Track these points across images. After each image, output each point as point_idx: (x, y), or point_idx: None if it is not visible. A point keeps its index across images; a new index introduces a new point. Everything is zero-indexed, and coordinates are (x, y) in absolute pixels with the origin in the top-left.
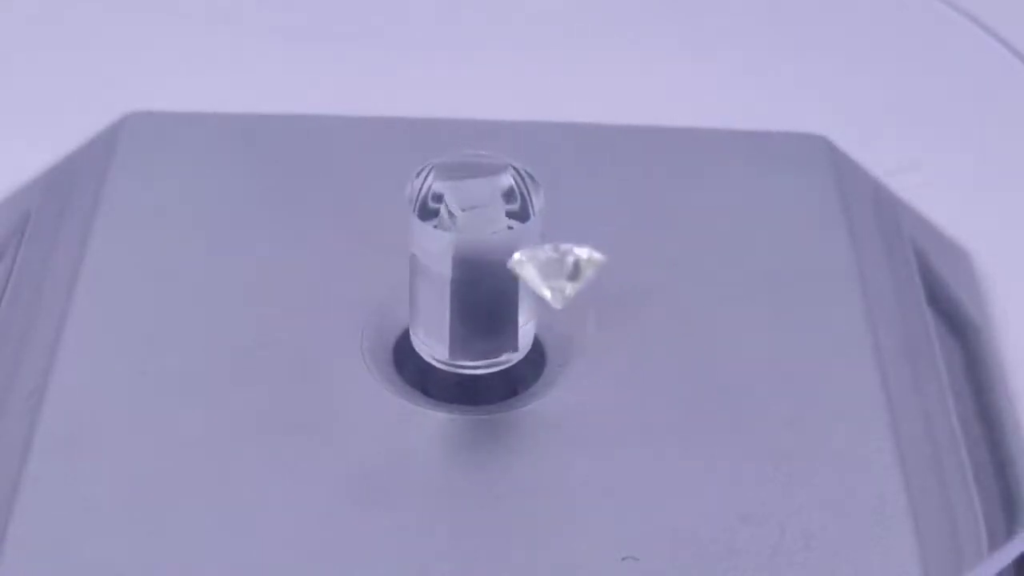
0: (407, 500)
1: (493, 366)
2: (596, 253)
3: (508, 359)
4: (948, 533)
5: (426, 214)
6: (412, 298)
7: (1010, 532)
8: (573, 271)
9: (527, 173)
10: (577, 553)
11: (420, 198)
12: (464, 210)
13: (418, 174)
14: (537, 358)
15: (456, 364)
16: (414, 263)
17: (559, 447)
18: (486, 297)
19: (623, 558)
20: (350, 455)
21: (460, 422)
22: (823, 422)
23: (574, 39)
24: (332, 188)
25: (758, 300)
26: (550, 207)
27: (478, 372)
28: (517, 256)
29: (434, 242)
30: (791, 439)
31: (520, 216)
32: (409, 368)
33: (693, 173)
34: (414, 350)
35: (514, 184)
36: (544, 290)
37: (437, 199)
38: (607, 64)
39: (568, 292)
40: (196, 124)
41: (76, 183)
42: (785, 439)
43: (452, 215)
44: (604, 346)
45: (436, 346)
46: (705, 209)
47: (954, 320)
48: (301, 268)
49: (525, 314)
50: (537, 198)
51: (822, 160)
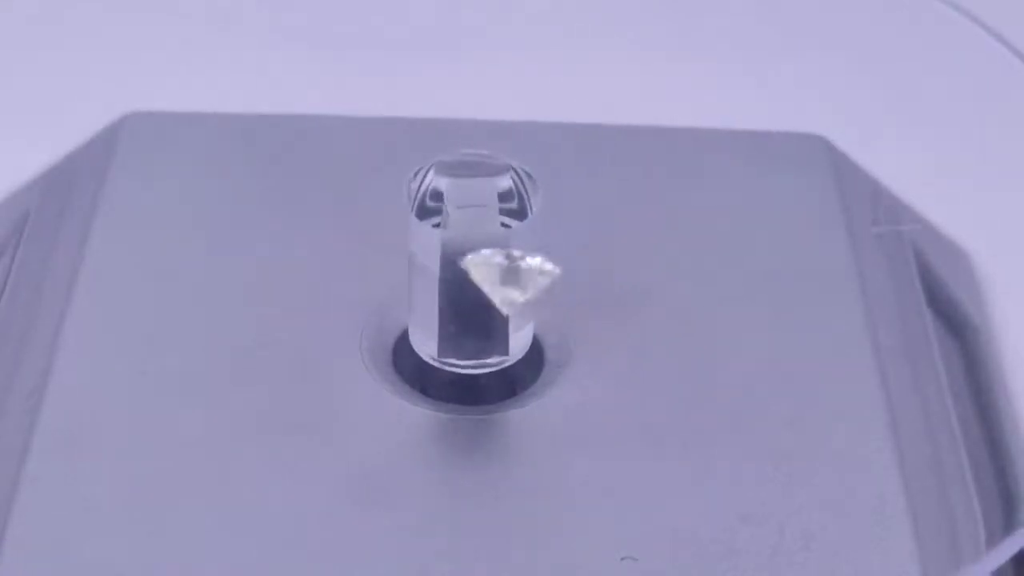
0: (406, 500)
1: (483, 367)
2: (550, 265)
3: (499, 361)
4: (947, 533)
5: (424, 213)
6: (410, 296)
7: (1009, 532)
8: (525, 280)
9: (526, 173)
10: (577, 553)
11: (418, 197)
12: (459, 208)
13: (417, 173)
14: (536, 358)
15: (446, 362)
16: (412, 261)
17: (558, 447)
18: (476, 297)
19: (622, 558)
20: (349, 455)
21: (459, 422)
22: (823, 422)
23: (574, 39)
24: (332, 188)
25: (758, 300)
26: (550, 207)
27: (467, 372)
28: (471, 257)
29: (427, 239)
30: (791, 439)
31: (518, 215)
32: (408, 368)
33: (693, 173)
34: (413, 350)
35: (513, 184)
36: (494, 295)
37: (435, 198)
38: (607, 64)
39: (518, 301)
40: (196, 124)
41: (75, 183)
42: (785, 439)
43: (447, 213)
44: (603, 346)
45: (429, 343)
46: (704, 209)
47: (953, 320)
48: (301, 268)
49: (524, 319)
50: (535, 198)
51: (821, 160)
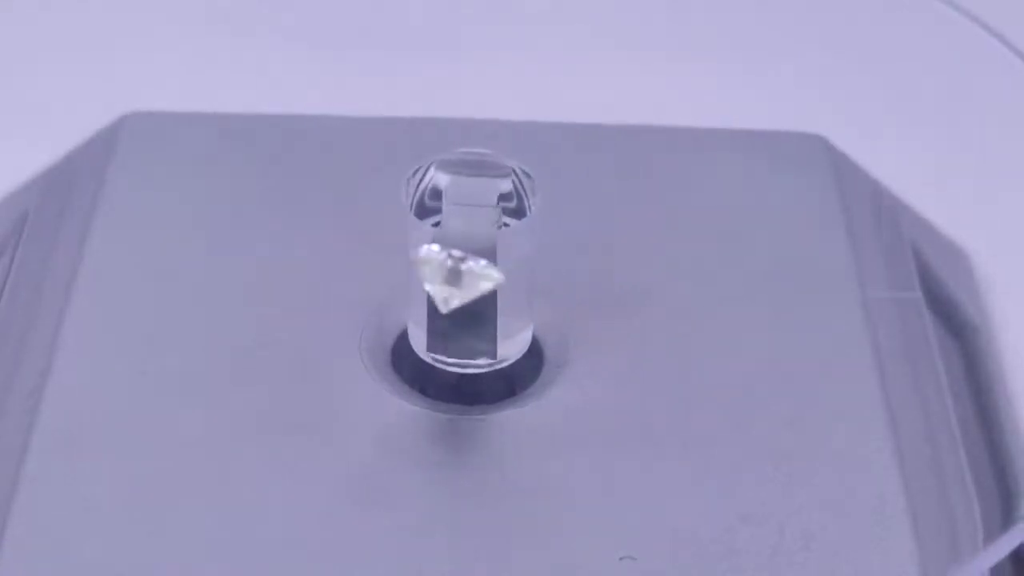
0: (405, 500)
1: (470, 367)
2: (494, 271)
3: (488, 364)
4: (947, 533)
5: (423, 212)
6: (409, 296)
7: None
8: (465, 282)
9: (524, 172)
10: (576, 553)
11: (417, 196)
12: (456, 205)
13: (415, 171)
14: (535, 358)
15: (436, 359)
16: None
17: (558, 447)
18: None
19: (621, 558)
20: (348, 455)
21: (458, 422)
22: (822, 422)
23: (573, 39)
24: (331, 188)
25: (757, 300)
26: (549, 207)
27: (455, 371)
28: (418, 254)
29: (425, 238)
30: (790, 439)
31: (516, 215)
32: (407, 368)
33: (692, 173)
34: (412, 350)
35: (512, 183)
36: (432, 291)
37: (434, 197)
38: (606, 64)
39: (453, 301)
40: (195, 124)
41: (75, 183)
42: (784, 439)
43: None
44: (603, 346)
45: (421, 338)
46: (704, 209)
47: (953, 320)
48: (300, 268)
49: (519, 322)
50: (534, 198)
51: (821, 160)
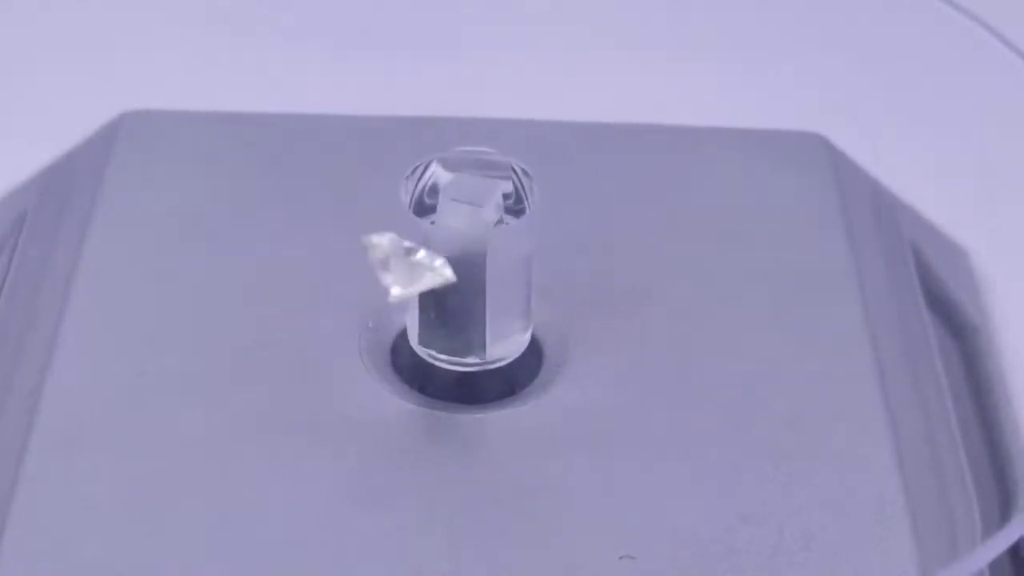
0: (405, 499)
1: (458, 364)
2: (447, 270)
3: (477, 363)
4: (946, 533)
5: (422, 210)
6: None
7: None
8: (414, 275)
9: (523, 171)
10: (575, 552)
11: (416, 194)
12: (454, 202)
13: (415, 170)
14: (535, 357)
15: (428, 352)
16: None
17: (557, 446)
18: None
19: (620, 557)
20: (348, 454)
21: (458, 421)
22: (822, 422)
23: (573, 38)
24: (331, 187)
25: (757, 299)
26: (549, 205)
27: (444, 367)
28: (370, 237)
29: (420, 233)
30: (790, 439)
31: (515, 213)
32: (407, 368)
33: (692, 171)
34: (411, 349)
35: (511, 182)
36: (381, 278)
37: (433, 195)
38: (606, 63)
39: (400, 292)
40: (193, 123)
41: (73, 181)
42: (784, 439)
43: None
44: (602, 345)
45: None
46: (704, 207)
47: (952, 320)
48: (299, 267)
49: (518, 321)
50: (533, 196)
51: (821, 159)
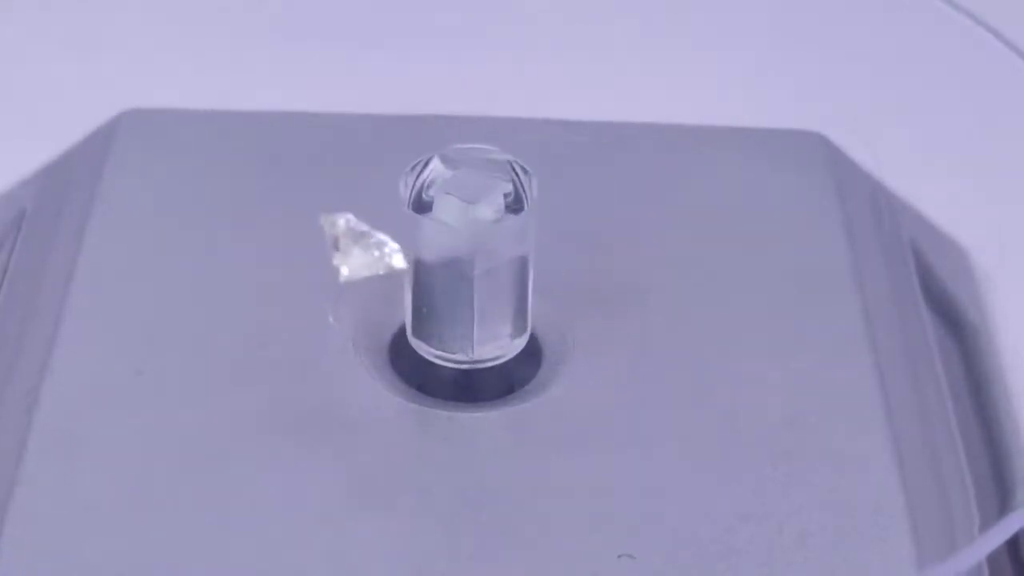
0: (404, 498)
1: (447, 360)
2: (399, 258)
3: (467, 360)
4: (945, 532)
5: (422, 208)
6: (407, 293)
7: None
8: (365, 259)
9: (521, 167)
10: (574, 551)
11: (416, 190)
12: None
13: (414, 167)
14: (534, 356)
15: (418, 345)
16: (419, 263)
17: (556, 445)
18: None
19: (619, 556)
20: (347, 453)
21: (456, 420)
22: (821, 421)
23: (572, 36)
24: (330, 185)
25: (756, 298)
26: (548, 204)
27: (439, 363)
28: (328, 215)
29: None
30: (789, 438)
31: (514, 209)
32: (406, 366)
33: (691, 170)
34: (410, 348)
35: (508, 176)
36: (333, 257)
37: (432, 194)
38: (605, 61)
39: (349, 274)
40: (192, 121)
41: (72, 180)
42: (783, 438)
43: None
44: (601, 344)
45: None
46: (703, 206)
47: (952, 318)
48: (298, 266)
49: (517, 318)
50: (531, 192)
51: (820, 158)
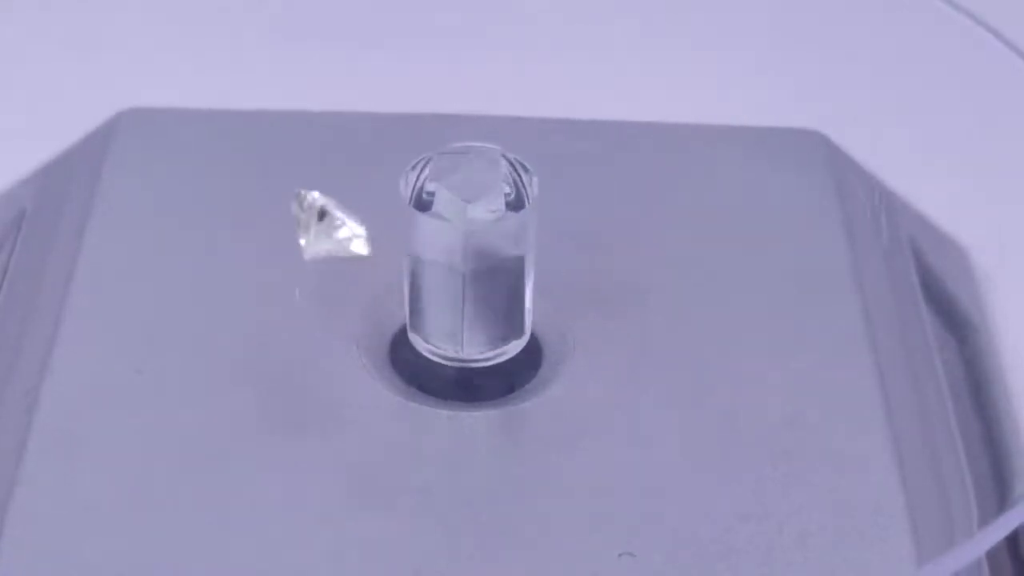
0: (404, 497)
1: (438, 355)
2: (363, 245)
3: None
4: (945, 531)
5: (422, 206)
6: (408, 291)
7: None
8: (332, 241)
9: (521, 164)
10: (575, 549)
11: (417, 188)
12: (457, 198)
13: (414, 165)
14: (534, 355)
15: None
16: (410, 255)
17: (556, 444)
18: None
19: (620, 554)
20: (347, 453)
21: (457, 419)
22: (821, 421)
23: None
24: (329, 184)
25: (756, 297)
26: (548, 203)
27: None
28: (299, 192)
29: (424, 231)
30: (789, 438)
31: (514, 206)
32: (406, 366)
33: (691, 169)
34: (410, 347)
35: (508, 175)
36: (299, 231)
37: (432, 192)
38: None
39: (312, 254)
40: (191, 120)
41: (72, 179)
42: (783, 438)
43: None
44: (602, 343)
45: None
46: (703, 205)
47: (952, 318)
48: (297, 265)
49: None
50: (531, 189)
51: (820, 156)
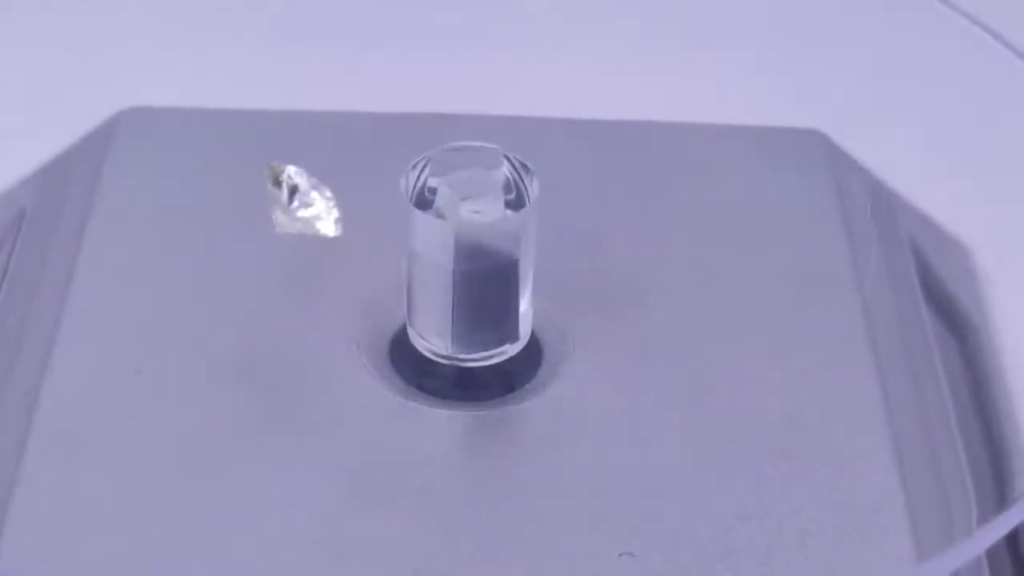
0: (404, 497)
1: (431, 351)
2: (334, 229)
3: (447, 356)
4: (945, 531)
5: (423, 205)
6: (408, 290)
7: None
8: (300, 218)
9: (521, 163)
10: (575, 549)
11: (416, 190)
12: (464, 200)
13: (415, 165)
14: (534, 354)
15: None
16: (411, 254)
17: (556, 444)
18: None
19: (620, 554)
20: (347, 453)
21: (457, 418)
22: (821, 421)
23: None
24: (329, 183)
25: (756, 296)
26: (548, 203)
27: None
28: (276, 165)
29: (426, 230)
30: (789, 437)
31: (515, 205)
32: (406, 365)
33: (691, 168)
34: (410, 347)
35: (509, 174)
36: (273, 203)
37: (434, 191)
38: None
39: (282, 227)
40: (191, 120)
41: (71, 179)
42: (783, 437)
43: (449, 204)
44: (602, 342)
45: (428, 336)
46: (703, 204)
47: (952, 317)
48: (297, 264)
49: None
50: (532, 188)
51: (820, 156)
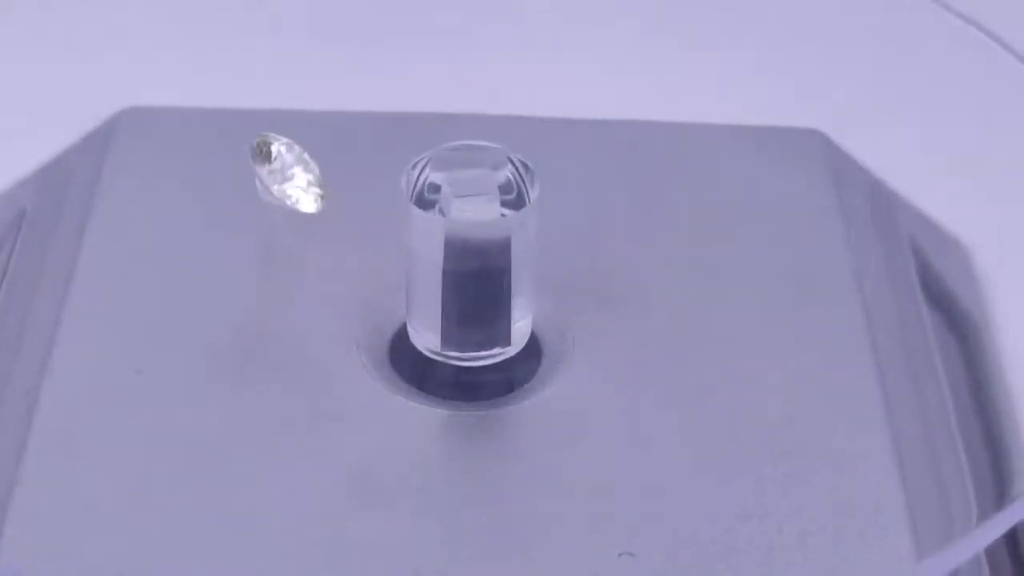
0: (404, 497)
1: (428, 350)
2: (313, 205)
3: (501, 352)
4: (945, 531)
5: (424, 204)
6: (409, 290)
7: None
8: (280, 191)
9: (522, 163)
10: (575, 549)
11: (417, 189)
12: (459, 197)
13: (415, 164)
14: (534, 354)
15: (449, 355)
16: (411, 254)
17: (556, 443)
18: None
19: (620, 554)
20: (347, 452)
21: (457, 418)
22: (821, 420)
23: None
24: (329, 183)
25: (756, 296)
26: (549, 202)
27: (470, 364)
28: (266, 135)
29: (427, 230)
30: (789, 437)
31: (515, 205)
32: (406, 365)
33: (691, 168)
34: (410, 347)
35: (510, 174)
36: (254, 174)
37: (434, 189)
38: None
39: (262, 195)
40: (191, 120)
41: (71, 179)
42: (783, 437)
43: (448, 203)
44: (602, 342)
45: (428, 336)
46: (703, 204)
47: (952, 317)
48: (297, 264)
49: (517, 313)
50: (532, 188)
51: (820, 155)
